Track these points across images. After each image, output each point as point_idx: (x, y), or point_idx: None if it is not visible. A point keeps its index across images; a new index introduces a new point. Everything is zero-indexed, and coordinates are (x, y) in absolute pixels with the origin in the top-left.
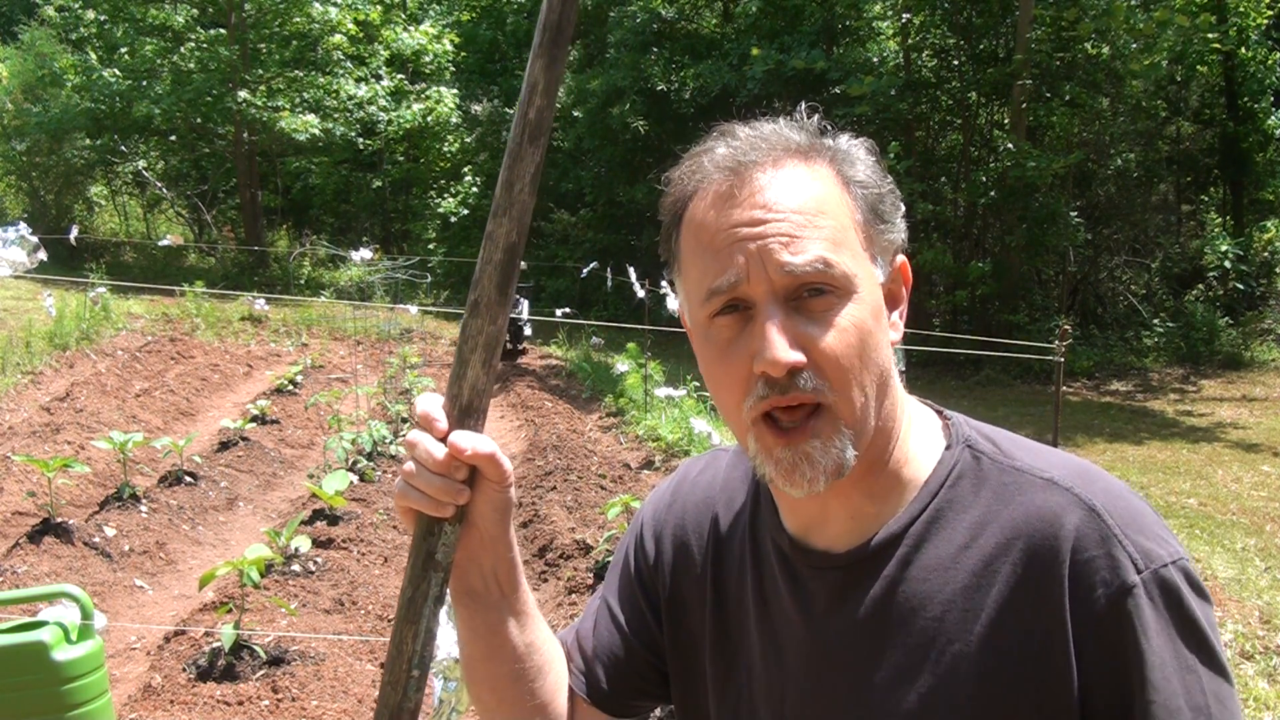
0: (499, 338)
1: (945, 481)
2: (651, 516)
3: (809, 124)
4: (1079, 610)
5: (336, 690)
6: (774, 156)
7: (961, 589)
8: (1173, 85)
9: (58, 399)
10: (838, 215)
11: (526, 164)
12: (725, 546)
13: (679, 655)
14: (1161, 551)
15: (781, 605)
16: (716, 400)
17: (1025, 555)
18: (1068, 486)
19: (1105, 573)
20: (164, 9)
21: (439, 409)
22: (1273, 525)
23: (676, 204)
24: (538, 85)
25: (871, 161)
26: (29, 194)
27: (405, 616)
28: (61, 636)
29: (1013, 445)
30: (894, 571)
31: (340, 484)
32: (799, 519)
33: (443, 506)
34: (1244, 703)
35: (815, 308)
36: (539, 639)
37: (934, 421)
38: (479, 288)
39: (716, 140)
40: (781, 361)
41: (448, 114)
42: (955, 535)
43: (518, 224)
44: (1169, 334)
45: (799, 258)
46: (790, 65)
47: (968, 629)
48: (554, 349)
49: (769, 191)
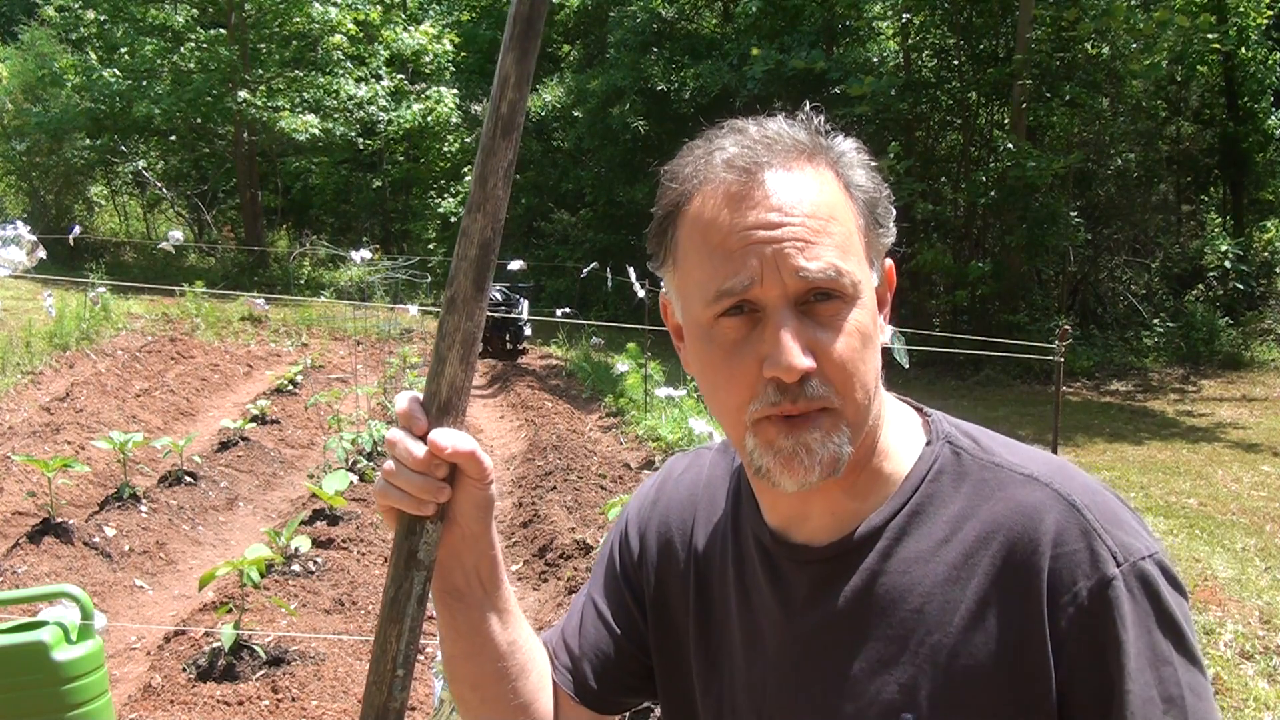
0: (476, 334)
1: (926, 476)
2: (636, 514)
3: (813, 125)
4: (1058, 601)
5: (336, 690)
6: (785, 158)
7: (941, 581)
8: (1173, 85)
9: (58, 399)
10: (845, 220)
11: (500, 159)
12: (707, 543)
13: (664, 651)
14: (1139, 545)
15: (762, 598)
16: (713, 400)
17: (1005, 548)
18: (1047, 482)
19: (1085, 566)
20: (164, 9)
21: (418, 407)
22: (1273, 525)
23: (678, 198)
24: (509, 78)
25: (869, 165)
26: (29, 194)
27: (389, 616)
28: (61, 636)
29: (991, 442)
30: (874, 564)
31: (340, 484)
32: (780, 514)
33: (424, 505)
34: (1244, 703)
35: (824, 312)
36: (521, 638)
37: (913, 418)
38: (455, 284)
39: (725, 136)
40: (797, 367)
41: (448, 114)
42: (935, 529)
43: (492, 219)
44: (1169, 334)
45: (814, 264)
46: (790, 65)
47: (947, 620)
48: (554, 349)
49: (783, 194)
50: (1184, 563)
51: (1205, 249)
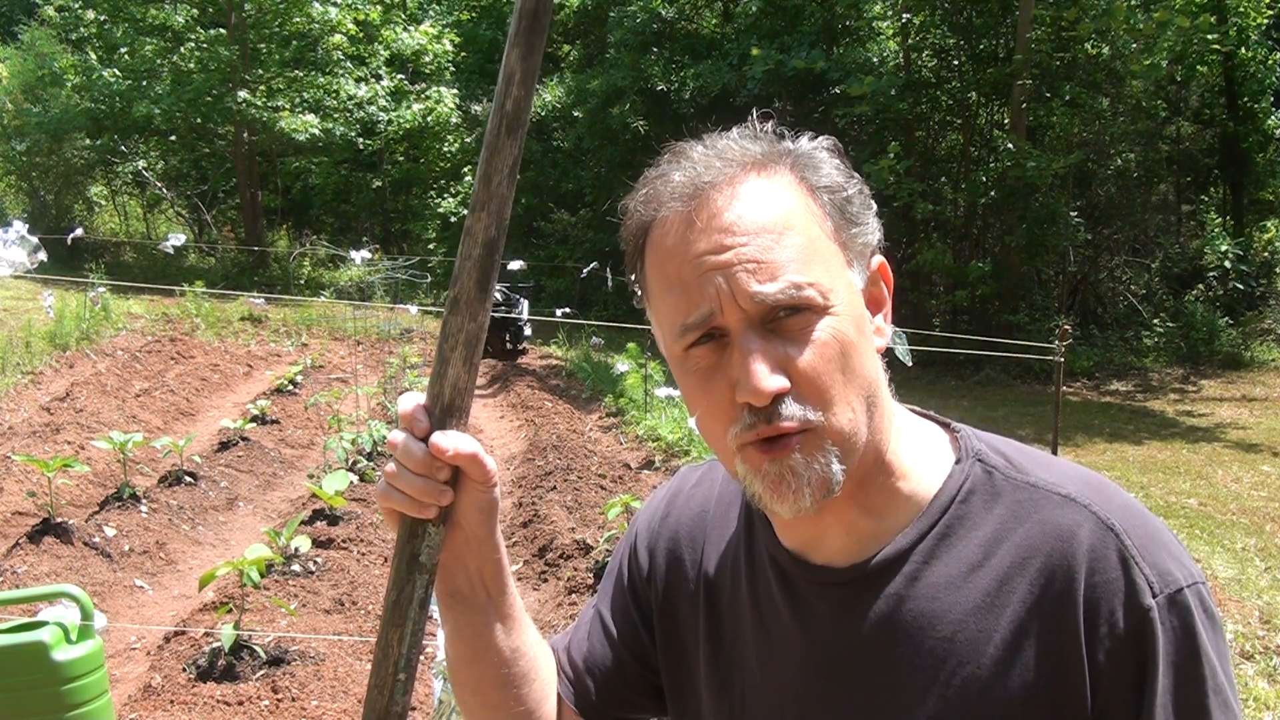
0: (480, 335)
1: (956, 497)
2: (646, 528)
3: (765, 131)
4: (1094, 632)
5: (336, 690)
6: (729, 174)
7: (974, 609)
8: (1173, 85)
9: (58, 399)
10: (804, 228)
11: (504, 156)
12: (719, 562)
13: (672, 669)
14: (1179, 574)
15: (780, 620)
16: (701, 428)
17: (1042, 575)
18: (1085, 504)
19: (1122, 594)
20: (164, 9)
21: (420, 408)
22: (1273, 525)
23: (637, 235)
24: (514, 75)
25: (835, 162)
26: (29, 194)
27: (390, 620)
28: (61, 636)
29: (1024, 459)
30: (900, 588)
31: (340, 484)
32: (795, 537)
33: (425, 508)
34: (1244, 703)
35: (792, 327)
36: (526, 644)
37: (939, 434)
38: (458, 284)
39: (670, 164)
40: (764, 390)
41: (448, 114)
42: (967, 553)
43: (496, 218)
44: (1169, 334)
45: (769, 286)
46: (790, 65)
47: (980, 650)
48: (554, 349)
49: (729, 214)
50: None
51: (1205, 249)
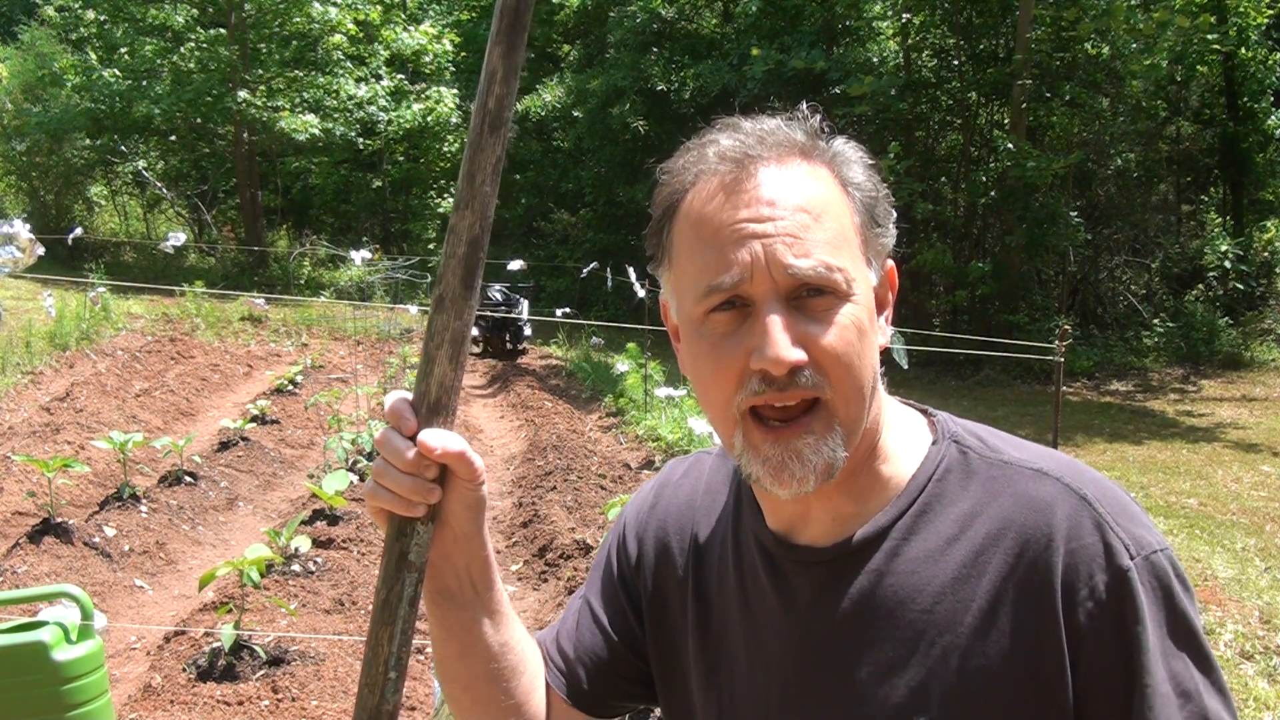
0: (465, 333)
1: (932, 476)
2: (634, 518)
3: (809, 124)
4: (1075, 596)
5: (336, 690)
6: (778, 153)
7: (951, 580)
8: (1173, 85)
9: (58, 399)
10: (839, 217)
11: (488, 155)
12: (707, 547)
13: (661, 656)
14: (1151, 539)
15: (765, 602)
16: (703, 396)
17: (1017, 544)
18: (1057, 476)
19: (1100, 558)
20: (164, 9)
21: (407, 407)
22: (1273, 525)
23: (673, 195)
24: (496, 73)
25: (868, 165)
26: (29, 194)
27: (380, 618)
28: (61, 636)
29: (999, 440)
30: (880, 564)
31: (340, 484)
32: (781, 518)
33: (414, 506)
34: (1244, 703)
35: (816, 307)
36: (514, 638)
37: (918, 420)
38: (443, 282)
39: (720, 132)
40: (785, 360)
41: (448, 114)
42: (943, 528)
43: (480, 216)
44: (1169, 334)
45: (803, 261)
46: (790, 65)
47: (958, 620)
48: (554, 349)
49: (774, 188)
50: (1184, 563)
51: (1205, 249)
